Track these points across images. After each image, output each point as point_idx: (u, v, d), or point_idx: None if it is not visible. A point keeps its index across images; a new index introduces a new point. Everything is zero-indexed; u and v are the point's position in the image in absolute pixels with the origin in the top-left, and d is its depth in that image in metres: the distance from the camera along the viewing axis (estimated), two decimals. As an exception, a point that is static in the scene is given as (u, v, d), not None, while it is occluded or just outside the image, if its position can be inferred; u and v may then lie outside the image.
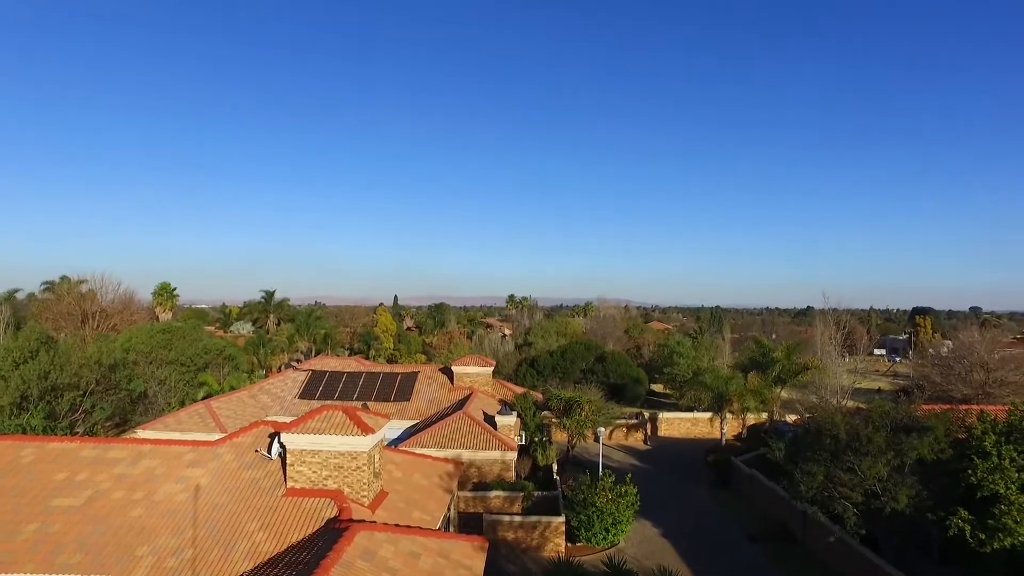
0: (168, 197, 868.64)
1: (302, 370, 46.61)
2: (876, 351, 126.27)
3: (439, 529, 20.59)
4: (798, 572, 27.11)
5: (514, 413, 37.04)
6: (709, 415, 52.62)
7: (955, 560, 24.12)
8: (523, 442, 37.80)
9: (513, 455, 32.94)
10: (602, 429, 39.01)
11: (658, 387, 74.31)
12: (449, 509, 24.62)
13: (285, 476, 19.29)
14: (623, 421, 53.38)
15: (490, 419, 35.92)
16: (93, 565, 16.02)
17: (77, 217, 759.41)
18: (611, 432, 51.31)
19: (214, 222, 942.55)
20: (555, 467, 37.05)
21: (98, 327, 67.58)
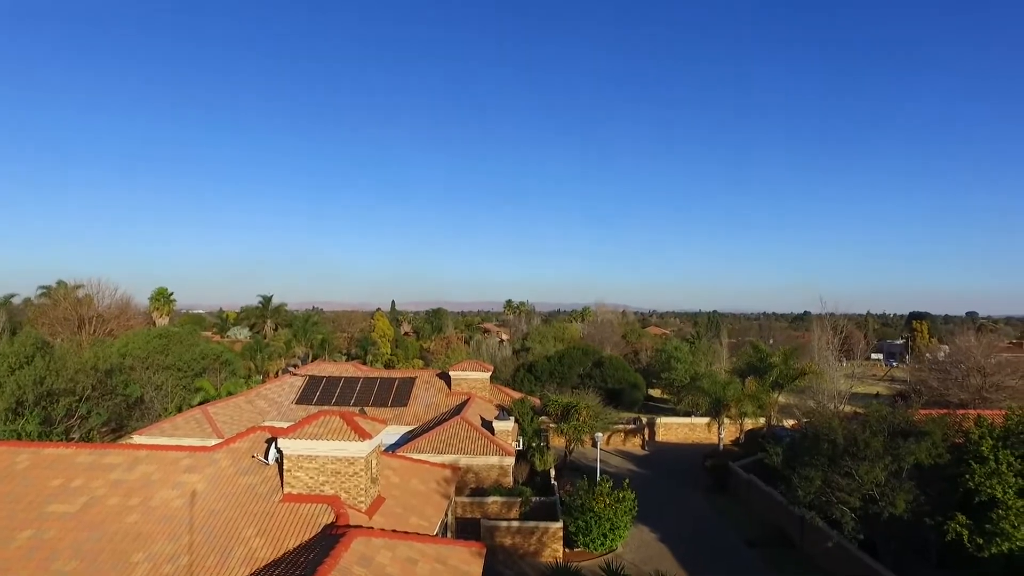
0: (165, 202, 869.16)
1: (299, 375, 46.54)
2: (873, 356, 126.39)
3: (436, 535, 20.54)
4: (796, 577, 27.09)
5: (512, 418, 37.01)
6: (707, 420, 52.67)
7: (953, 565, 24.12)
8: (521, 447, 37.75)
9: (511, 460, 32.90)
10: (600, 434, 39.06)
11: (656, 392, 74.37)
12: (447, 514, 24.56)
13: (282, 482, 19.22)
14: (621, 426, 53.37)
15: (488, 424, 35.89)
16: (88, 572, 15.92)
17: (74, 222, 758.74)
18: (609, 437, 51.30)
19: (211, 227, 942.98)
20: (553, 472, 37.01)
21: (95, 332, 67.40)
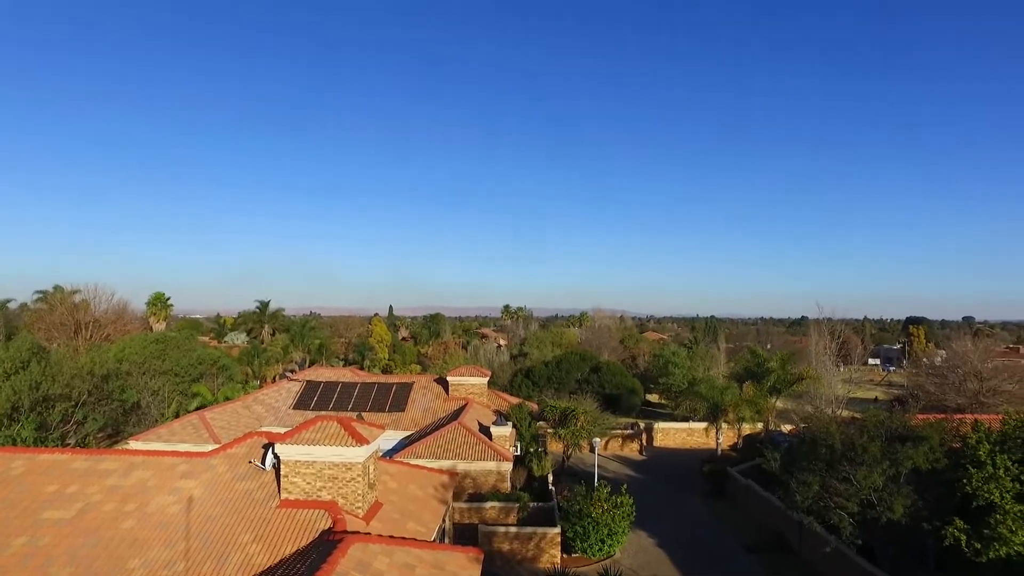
0: (163, 207, 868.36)
1: (297, 381, 46.42)
2: (870, 361, 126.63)
3: (434, 540, 20.48)
4: (794, 583, 27.05)
5: (509, 424, 36.94)
6: (704, 425, 52.65)
7: (951, 569, 24.08)
8: (518, 453, 37.68)
9: (508, 466, 32.83)
10: (597, 439, 38.96)
11: (653, 397, 74.33)
12: (444, 520, 24.48)
13: (279, 487, 19.16)
14: (619, 431, 53.30)
15: (485, 430, 35.82)
16: (84, 578, 15.83)
17: (71, 227, 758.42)
18: (607, 442, 51.23)
19: (209, 232, 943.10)
20: (551, 478, 36.92)
21: (91, 337, 67.21)
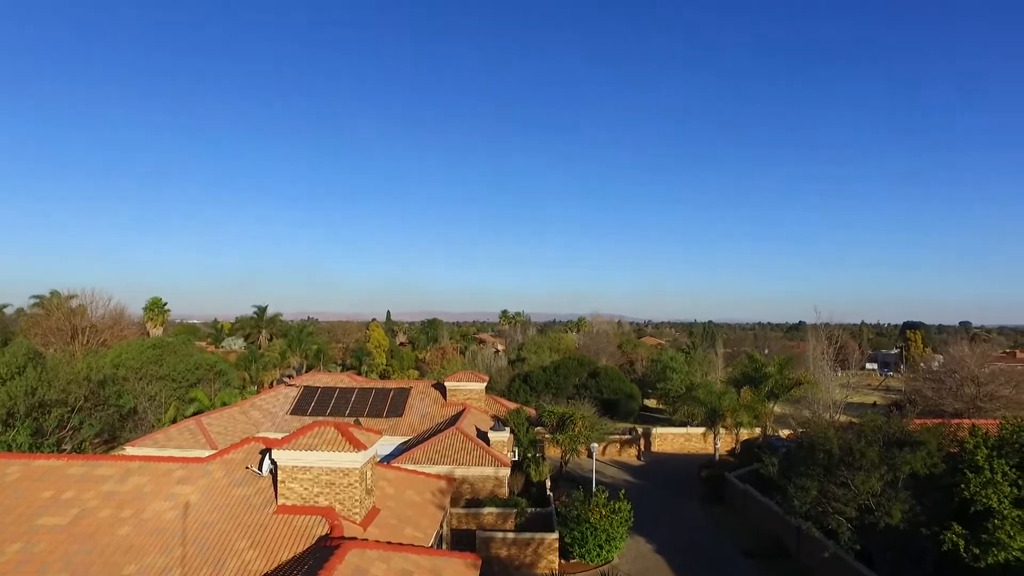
0: (160, 211, 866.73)
1: (294, 386, 46.30)
2: (868, 365, 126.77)
3: (432, 546, 20.41)
4: (793, 588, 27.01)
5: (507, 429, 36.87)
6: (702, 430, 52.60)
7: (950, 575, 24.06)
8: (516, 458, 37.61)
9: (506, 471, 32.75)
10: (595, 445, 38.92)
11: (651, 402, 74.33)
12: (442, 526, 24.41)
13: (276, 493, 19.10)
14: (616, 437, 53.27)
15: (483, 435, 35.74)
16: (79, 585, 15.75)
17: (68, 231, 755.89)
18: (604, 448, 51.16)
19: (206, 237, 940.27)
20: (548, 483, 36.86)
21: (88, 342, 67.02)
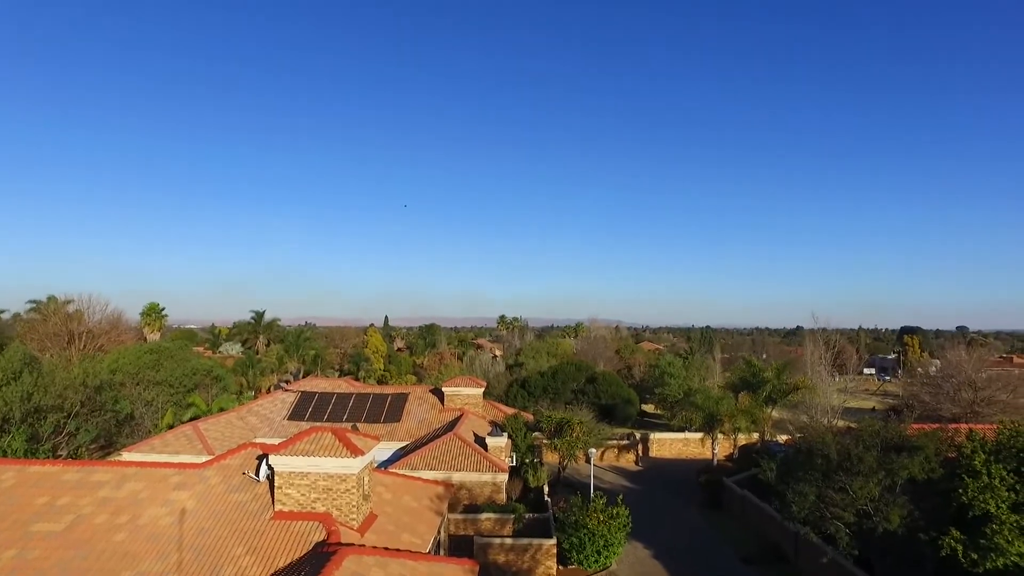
0: (157, 217, 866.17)
1: (291, 391, 46.19)
2: (865, 370, 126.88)
3: (429, 552, 20.34)
4: (791, 594, 26.94)
5: (505, 434, 36.80)
6: (700, 435, 52.47)
7: (948, 580, 24.03)
8: (514, 464, 37.51)
9: (504, 477, 32.67)
10: (593, 450, 38.85)
11: (649, 408, 74.23)
12: (439, 532, 24.33)
13: (273, 499, 19.03)
14: (614, 442, 53.17)
15: (481, 440, 35.66)
16: (74, 592, 15.65)
17: (65, 236, 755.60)
18: (602, 453, 51.07)
19: (203, 242, 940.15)
20: (546, 489, 36.78)
21: (85, 348, 66.79)
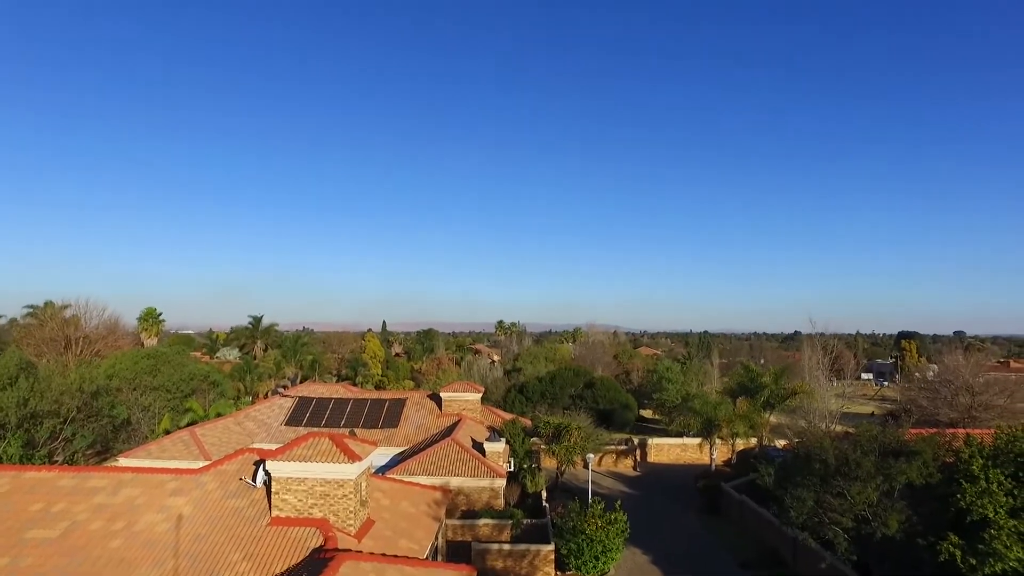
0: (154, 221, 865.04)
1: (289, 397, 46.11)
2: (863, 375, 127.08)
3: (427, 558, 20.27)
4: (790, 600, 26.86)
5: (503, 440, 36.76)
6: (698, 441, 52.48)
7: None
8: (512, 469, 37.45)
9: (502, 482, 32.61)
10: (591, 455, 38.78)
11: (647, 413, 74.19)
12: (437, 537, 24.25)
13: (270, 505, 18.96)
14: (612, 447, 53.12)
15: (479, 446, 35.61)
16: (69, 599, 15.56)
17: (62, 241, 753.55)
18: (600, 458, 51.02)
19: (201, 247, 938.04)
20: (544, 494, 36.71)
21: (81, 353, 66.64)
